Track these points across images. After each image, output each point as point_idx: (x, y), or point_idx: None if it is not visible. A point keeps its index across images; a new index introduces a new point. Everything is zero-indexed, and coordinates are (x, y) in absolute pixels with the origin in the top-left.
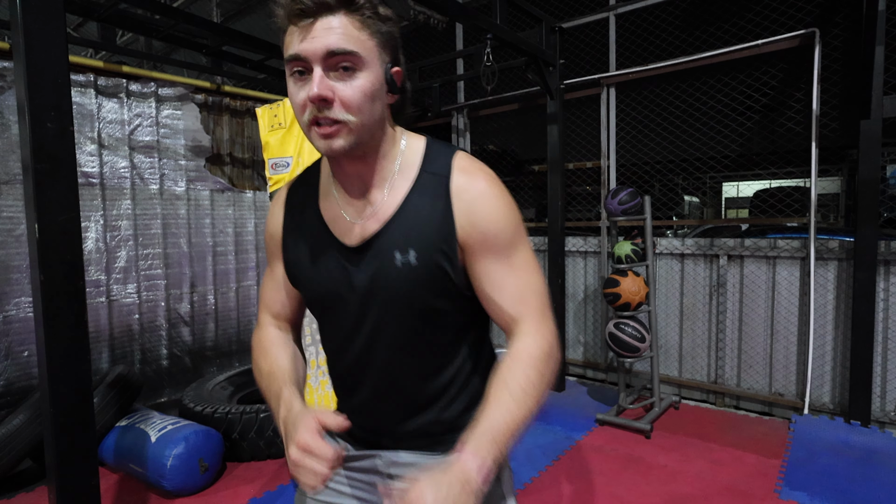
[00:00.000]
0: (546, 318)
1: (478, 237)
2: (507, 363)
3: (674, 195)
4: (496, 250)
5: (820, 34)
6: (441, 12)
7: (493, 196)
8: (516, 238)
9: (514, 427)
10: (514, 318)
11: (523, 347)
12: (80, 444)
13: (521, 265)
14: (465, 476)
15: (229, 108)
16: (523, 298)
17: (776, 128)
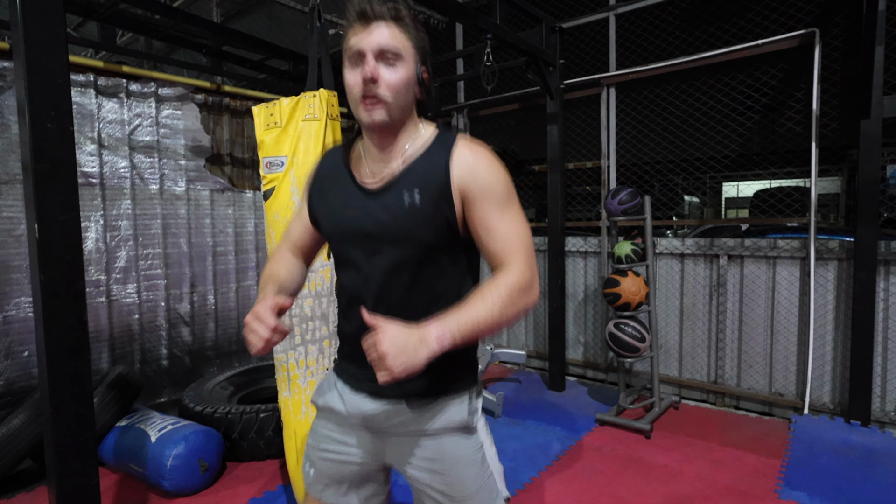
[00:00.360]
0: (528, 262)
1: (476, 189)
2: (486, 285)
3: (674, 195)
4: (491, 201)
5: (820, 34)
6: (441, 12)
7: (490, 161)
8: (509, 197)
9: (476, 322)
10: (501, 258)
11: (503, 277)
12: (80, 444)
13: (510, 218)
14: (424, 335)
15: (229, 108)
16: (510, 243)
17: (776, 128)
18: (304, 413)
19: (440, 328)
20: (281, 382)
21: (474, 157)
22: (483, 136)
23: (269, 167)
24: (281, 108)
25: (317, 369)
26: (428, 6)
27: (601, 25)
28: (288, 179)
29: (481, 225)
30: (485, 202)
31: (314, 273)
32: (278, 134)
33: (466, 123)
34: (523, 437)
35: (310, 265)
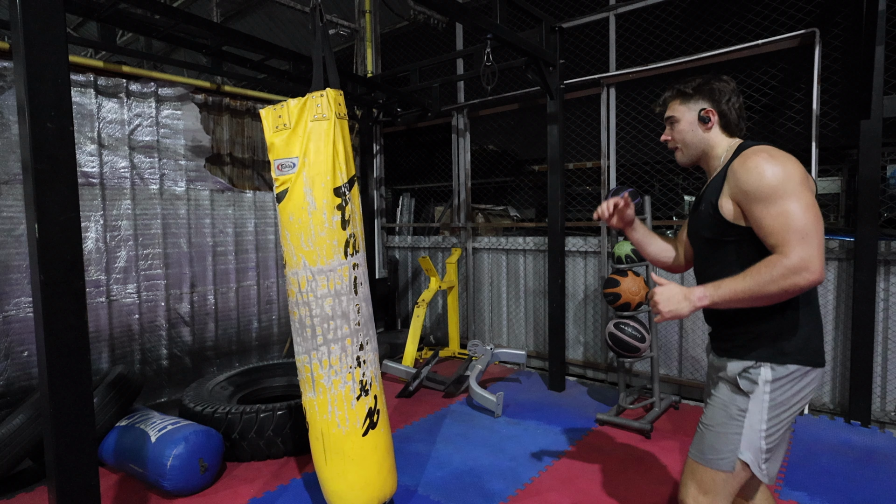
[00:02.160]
0: (798, 247)
1: (740, 192)
2: (758, 264)
3: (674, 195)
4: (753, 200)
5: (820, 34)
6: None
7: (753, 166)
8: (773, 194)
9: (734, 291)
10: (771, 246)
11: (771, 258)
12: (80, 444)
13: (778, 212)
14: (689, 293)
15: (229, 108)
16: (777, 234)
17: (776, 128)
18: (331, 412)
19: (703, 290)
20: (304, 384)
21: (741, 163)
22: (483, 136)
23: (281, 169)
24: (289, 109)
25: (340, 368)
26: (428, 6)
27: (601, 25)
28: (301, 180)
29: (753, 221)
30: (749, 202)
31: (332, 272)
32: (288, 135)
33: (466, 123)
34: (523, 437)
35: (685, 258)
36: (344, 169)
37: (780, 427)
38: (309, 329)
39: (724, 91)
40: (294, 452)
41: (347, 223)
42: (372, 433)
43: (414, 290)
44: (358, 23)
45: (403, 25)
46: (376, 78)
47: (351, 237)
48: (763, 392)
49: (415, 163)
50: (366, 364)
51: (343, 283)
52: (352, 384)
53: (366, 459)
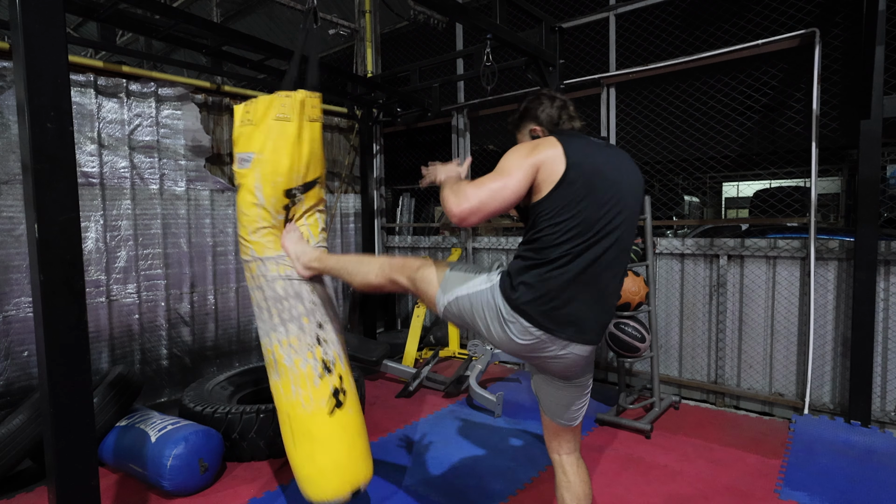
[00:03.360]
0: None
1: None
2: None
3: (674, 195)
4: None
5: (820, 34)
6: (441, 12)
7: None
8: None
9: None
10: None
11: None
12: (80, 444)
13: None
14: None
15: (229, 108)
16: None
17: (776, 128)
18: (295, 392)
19: (456, 169)
20: (269, 368)
21: None
22: (483, 137)
23: (240, 163)
24: (257, 105)
25: (300, 347)
26: (428, 6)
27: (601, 25)
28: (253, 175)
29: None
30: None
31: (281, 258)
32: (250, 131)
33: (466, 123)
34: (523, 437)
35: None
36: (304, 172)
37: (489, 322)
38: (266, 311)
39: (537, 105)
40: None
41: (292, 220)
42: (339, 412)
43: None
44: (358, 23)
45: (403, 25)
46: (376, 78)
47: (302, 227)
48: (494, 293)
49: (415, 163)
50: (327, 343)
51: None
52: (313, 363)
53: (334, 441)
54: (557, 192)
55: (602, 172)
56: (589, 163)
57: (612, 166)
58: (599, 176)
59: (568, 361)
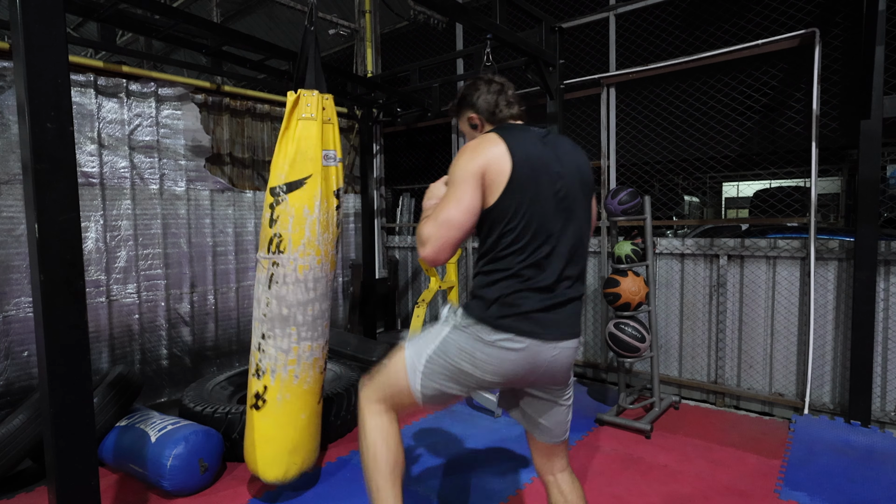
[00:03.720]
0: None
1: None
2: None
3: (674, 195)
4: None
5: (820, 34)
6: (441, 12)
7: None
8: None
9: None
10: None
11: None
12: (80, 444)
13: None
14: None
15: (229, 108)
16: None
17: (776, 128)
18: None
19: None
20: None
21: None
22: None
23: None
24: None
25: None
26: (428, 6)
27: (601, 25)
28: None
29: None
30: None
31: (260, 259)
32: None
33: None
34: (523, 438)
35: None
36: (286, 171)
37: (450, 372)
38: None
39: (473, 91)
40: None
41: (274, 222)
42: (256, 413)
43: (414, 290)
44: (358, 23)
45: (403, 25)
46: (376, 78)
47: (276, 236)
48: (446, 329)
49: (415, 163)
50: (263, 353)
51: (262, 274)
52: (253, 362)
53: (251, 433)
54: (507, 194)
55: (547, 166)
56: (534, 158)
57: (555, 157)
58: (545, 170)
59: (562, 361)
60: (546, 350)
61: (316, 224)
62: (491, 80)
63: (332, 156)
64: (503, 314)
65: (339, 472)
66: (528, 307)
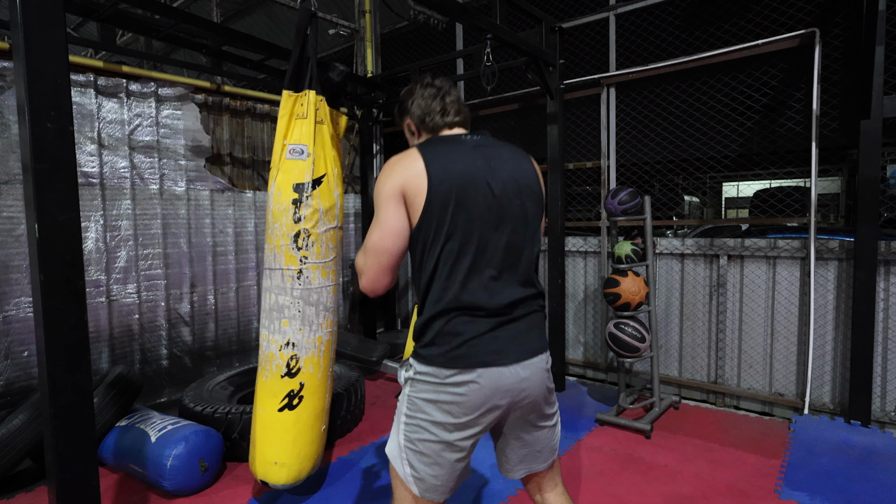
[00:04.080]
0: (360, 256)
1: None
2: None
3: (674, 195)
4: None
5: (820, 34)
6: (441, 12)
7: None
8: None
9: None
10: None
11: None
12: (80, 444)
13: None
14: None
15: (229, 108)
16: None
17: (776, 128)
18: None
19: None
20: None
21: None
22: None
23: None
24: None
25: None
26: (428, 6)
27: (601, 25)
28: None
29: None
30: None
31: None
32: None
33: None
34: None
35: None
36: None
37: (422, 423)
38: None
39: (408, 97)
40: None
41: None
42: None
43: (414, 290)
44: (358, 23)
45: (403, 25)
46: (376, 78)
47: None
48: (405, 389)
49: None
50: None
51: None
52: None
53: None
54: (426, 216)
55: (473, 181)
56: (458, 173)
57: (488, 169)
58: (472, 186)
59: (534, 382)
60: (507, 375)
61: (268, 214)
62: (427, 84)
63: (297, 149)
64: (446, 349)
65: (341, 472)
66: (471, 334)
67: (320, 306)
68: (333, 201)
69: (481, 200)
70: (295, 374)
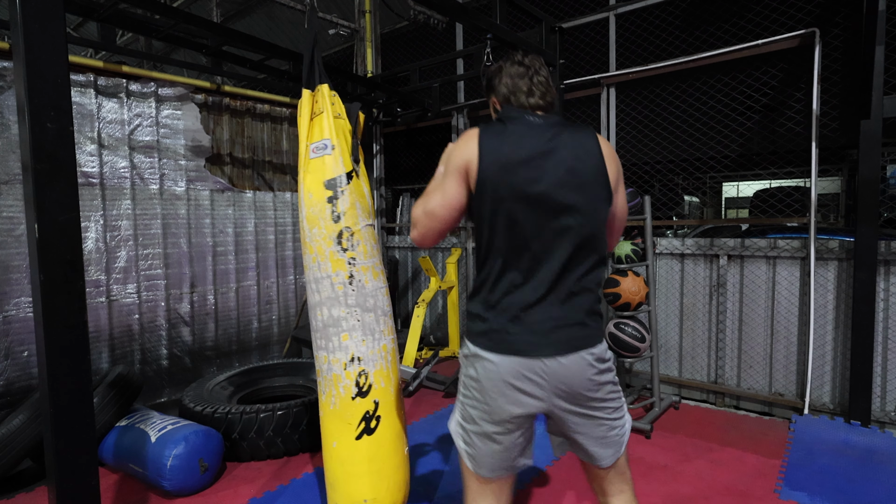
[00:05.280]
0: (416, 207)
1: None
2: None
3: (674, 195)
4: None
5: (820, 34)
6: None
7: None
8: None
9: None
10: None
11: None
12: (80, 444)
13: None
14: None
15: (229, 108)
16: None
17: (776, 128)
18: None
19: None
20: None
21: None
22: None
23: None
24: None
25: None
26: (428, 6)
27: (601, 25)
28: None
29: None
30: None
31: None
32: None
33: (466, 123)
34: None
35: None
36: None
37: (467, 405)
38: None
39: (495, 75)
40: (294, 452)
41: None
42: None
43: (414, 290)
44: (358, 23)
45: (403, 25)
46: (376, 78)
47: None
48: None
49: (415, 163)
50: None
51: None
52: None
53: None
54: (476, 197)
55: (527, 166)
56: (509, 158)
57: (541, 153)
58: (523, 171)
59: (571, 375)
60: (536, 365)
61: (303, 221)
62: (518, 61)
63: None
64: (483, 329)
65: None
66: (502, 321)
67: (378, 311)
68: (365, 195)
69: (533, 184)
70: (367, 393)
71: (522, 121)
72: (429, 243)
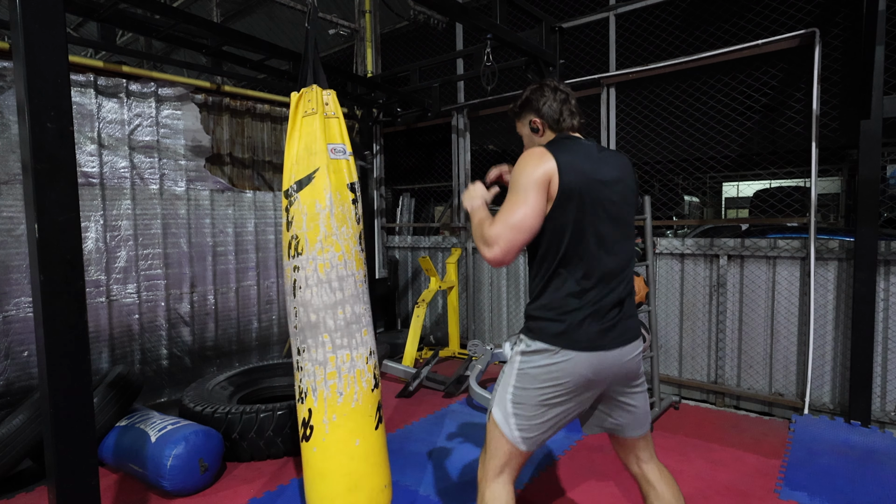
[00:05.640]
0: (497, 226)
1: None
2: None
3: (674, 195)
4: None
5: (820, 34)
6: (441, 12)
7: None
8: (511, 184)
9: (479, 218)
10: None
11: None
12: (80, 444)
13: (508, 198)
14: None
15: (229, 108)
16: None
17: (776, 128)
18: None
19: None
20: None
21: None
22: (483, 136)
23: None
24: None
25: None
26: (428, 6)
27: (601, 25)
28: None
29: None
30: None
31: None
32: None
33: (466, 123)
34: None
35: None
36: (295, 170)
37: (528, 397)
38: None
39: (539, 97)
40: (294, 452)
41: (290, 225)
42: (306, 445)
43: (414, 290)
44: (358, 23)
45: (403, 25)
46: (376, 78)
47: (293, 239)
48: (515, 360)
49: (415, 163)
50: (302, 371)
51: (287, 284)
52: (295, 385)
53: (306, 471)
54: (557, 210)
55: (599, 180)
56: (585, 172)
57: (606, 171)
58: (596, 185)
59: (627, 364)
60: (607, 358)
61: (331, 218)
62: (557, 88)
63: (340, 149)
64: (561, 329)
65: None
66: (577, 319)
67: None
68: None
69: (601, 202)
70: (379, 383)
71: (577, 141)
72: (510, 259)
